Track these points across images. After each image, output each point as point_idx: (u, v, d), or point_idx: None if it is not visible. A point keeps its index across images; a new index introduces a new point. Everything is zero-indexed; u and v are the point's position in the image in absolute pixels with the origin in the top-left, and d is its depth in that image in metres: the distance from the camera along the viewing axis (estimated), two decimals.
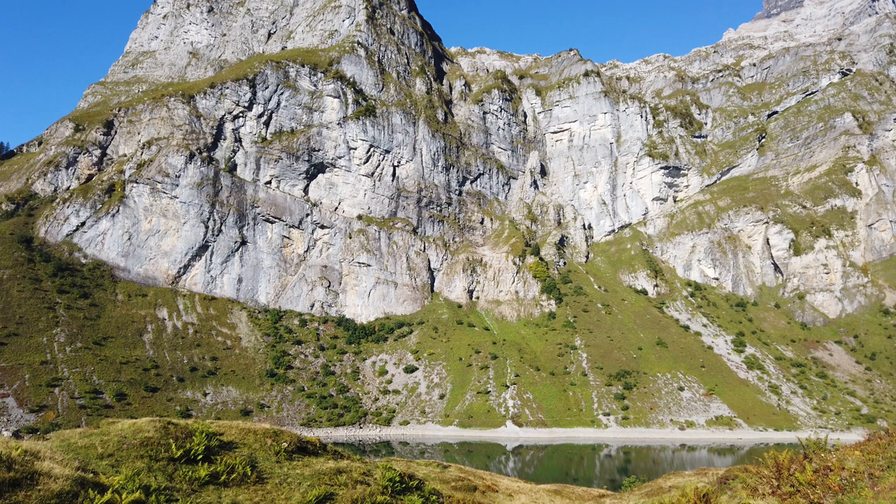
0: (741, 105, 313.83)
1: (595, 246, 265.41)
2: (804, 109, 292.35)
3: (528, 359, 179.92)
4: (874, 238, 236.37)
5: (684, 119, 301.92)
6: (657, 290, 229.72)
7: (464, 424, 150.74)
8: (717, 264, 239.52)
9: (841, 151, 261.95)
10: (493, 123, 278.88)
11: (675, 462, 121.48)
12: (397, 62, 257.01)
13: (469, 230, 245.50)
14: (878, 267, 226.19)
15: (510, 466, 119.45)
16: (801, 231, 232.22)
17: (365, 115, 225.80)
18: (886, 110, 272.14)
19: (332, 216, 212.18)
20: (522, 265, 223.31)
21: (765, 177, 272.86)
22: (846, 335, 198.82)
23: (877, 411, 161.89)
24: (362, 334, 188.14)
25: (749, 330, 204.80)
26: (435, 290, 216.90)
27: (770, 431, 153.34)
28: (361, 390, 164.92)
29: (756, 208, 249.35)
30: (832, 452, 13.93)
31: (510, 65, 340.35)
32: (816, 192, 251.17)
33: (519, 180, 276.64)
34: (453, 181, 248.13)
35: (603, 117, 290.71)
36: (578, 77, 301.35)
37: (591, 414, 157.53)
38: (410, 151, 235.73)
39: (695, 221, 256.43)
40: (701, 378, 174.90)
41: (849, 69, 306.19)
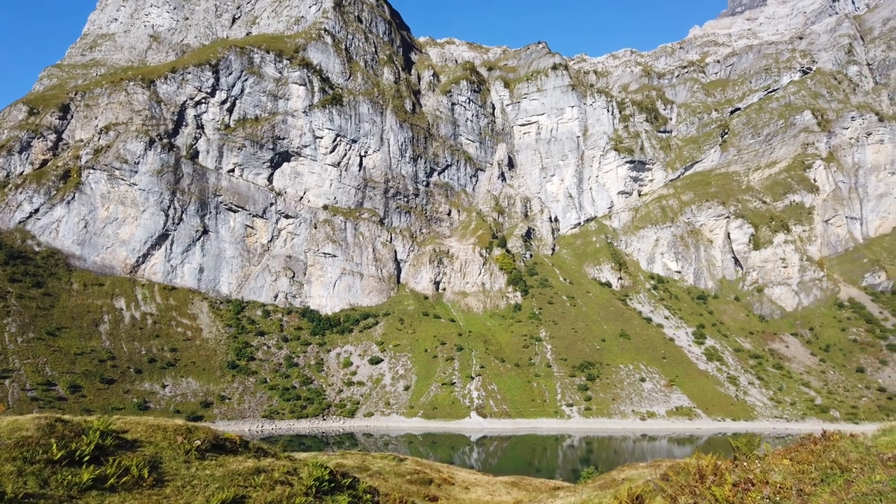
0: (705, 101, 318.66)
1: (561, 238, 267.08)
2: (766, 106, 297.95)
3: (494, 350, 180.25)
4: (830, 233, 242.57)
5: (650, 114, 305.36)
6: (621, 282, 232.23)
7: (428, 416, 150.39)
8: (680, 258, 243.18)
9: (800, 148, 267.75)
10: (462, 115, 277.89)
11: (636, 452, 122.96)
12: (365, 51, 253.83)
13: (436, 222, 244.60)
14: (833, 261, 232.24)
15: (474, 457, 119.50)
16: (761, 226, 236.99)
17: (331, 104, 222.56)
18: (844, 109, 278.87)
19: (297, 206, 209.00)
20: (489, 257, 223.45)
21: (727, 172, 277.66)
22: (802, 328, 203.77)
23: (830, 402, 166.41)
24: (327, 326, 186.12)
25: (709, 322, 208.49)
26: (401, 282, 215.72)
27: (728, 421, 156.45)
28: (325, 382, 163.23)
29: (718, 203, 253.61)
30: (759, 461, 12.53)
31: (479, 56, 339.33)
32: (776, 187, 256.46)
33: (487, 172, 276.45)
34: (421, 172, 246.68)
35: (570, 111, 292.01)
36: (547, 70, 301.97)
37: (554, 405, 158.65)
38: (378, 141, 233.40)
39: (658, 215, 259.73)
40: (662, 369, 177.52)
41: (809, 67, 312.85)
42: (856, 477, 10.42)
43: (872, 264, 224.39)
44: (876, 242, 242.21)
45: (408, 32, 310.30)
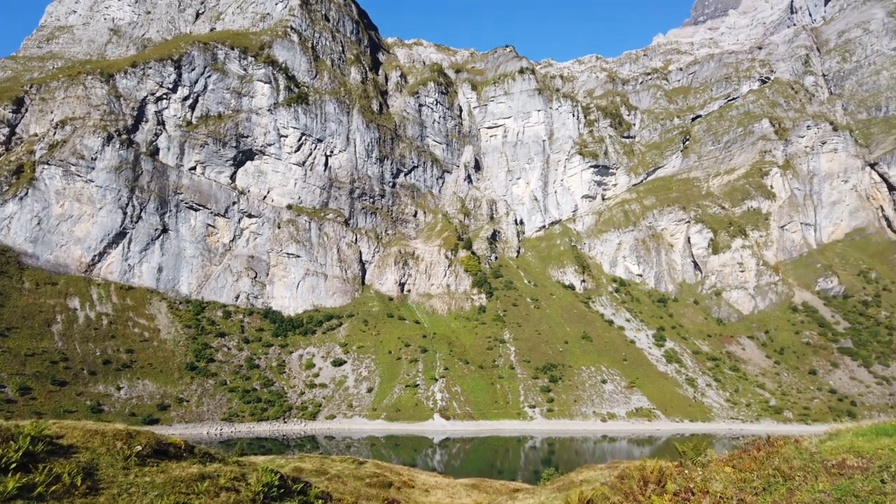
0: (668, 108, 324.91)
1: (526, 241, 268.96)
2: (726, 114, 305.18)
3: (458, 352, 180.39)
4: (786, 239, 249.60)
5: (614, 119, 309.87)
6: (584, 285, 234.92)
7: (391, 418, 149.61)
8: (642, 261, 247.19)
9: (758, 155, 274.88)
10: (429, 116, 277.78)
11: (597, 453, 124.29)
12: (332, 50, 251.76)
13: (402, 223, 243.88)
14: (788, 266, 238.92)
15: (436, 459, 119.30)
16: (720, 231, 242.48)
17: (297, 103, 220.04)
18: (800, 118, 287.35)
19: (260, 205, 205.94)
20: (454, 259, 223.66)
21: (688, 178, 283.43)
22: (758, 330, 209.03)
23: (784, 403, 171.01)
24: (289, 327, 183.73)
25: (669, 325, 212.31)
26: (366, 283, 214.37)
27: (686, 422, 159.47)
28: (287, 384, 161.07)
29: (679, 208, 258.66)
30: (702, 468, 12.21)
31: (447, 58, 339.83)
32: (734, 193, 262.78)
33: (453, 174, 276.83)
34: (387, 173, 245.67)
35: (537, 114, 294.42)
36: (514, 74, 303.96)
37: (517, 406, 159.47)
38: (344, 141, 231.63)
39: (621, 219, 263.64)
40: (623, 371, 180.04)
41: (768, 77, 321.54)
42: (798, 485, 10.20)
43: (825, 269, 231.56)
44: (829, 248, 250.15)
45: (375, 32, 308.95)
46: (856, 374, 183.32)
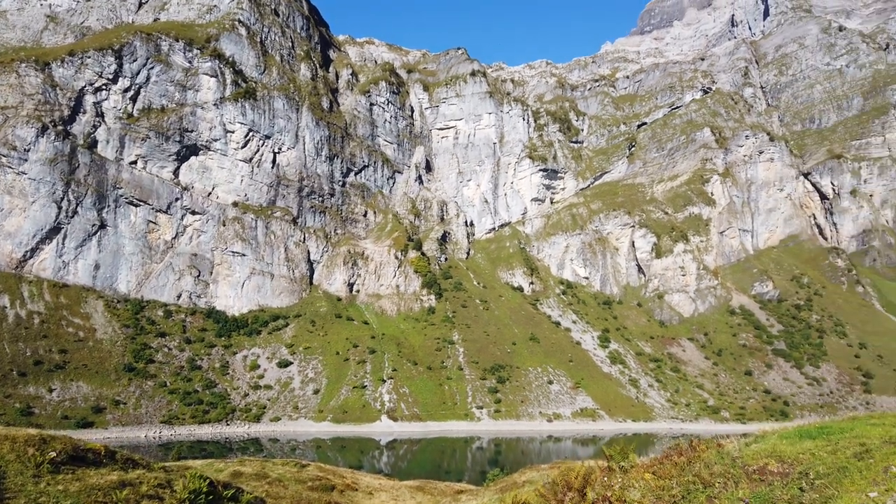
0: (615, 114, 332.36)
1: (476, 243, 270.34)
2: (670, 122, 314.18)
3: (407, 353, 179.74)
4: (725, 244, 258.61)
5: (563, 124, 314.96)
6: (532, 287, 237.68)
7: (338, 420, 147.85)
8: (588, 264, 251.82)
9: (700, 163, 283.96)
10: (380, 116, 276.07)
11: (542, 453, 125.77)
12: (281, 45, 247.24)
13: (351, 222, 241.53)
14: (727, 271, 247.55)
15: (383, 461, 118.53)
16: (663, 235, 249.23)
17: (244, 98, 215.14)
18: (740, 128, 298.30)
19: (204, 202, 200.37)
20: (404, 259, 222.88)
21: (633, 183, 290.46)
22: (698, 333, 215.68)
23: (721, 403, 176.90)
24: (234, 327, 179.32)
25: (614, 327, 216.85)
26: (314, 283, 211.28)
27: (629, 422, 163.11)
28: (230, 385, 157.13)
29: (624, 212, 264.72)
30: (622, 474, 12.06)
31: (399, 58, 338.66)
32: (677, 199, 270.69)
33: (404, 174, 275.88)
34: (337, 172, 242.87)
35: (488, 117, 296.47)
36: (465, 76, 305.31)
37: (465, 407, 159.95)
38: (293, 138, 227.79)
39: (569, 223, 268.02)
40: (569, 372, 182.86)
41: (709, 87, 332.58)
42: (718, 493, 10.04)
43: (761, 274, 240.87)
44: (765, 254, 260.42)
45: (326, 29, 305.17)
46: (788, 375, 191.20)
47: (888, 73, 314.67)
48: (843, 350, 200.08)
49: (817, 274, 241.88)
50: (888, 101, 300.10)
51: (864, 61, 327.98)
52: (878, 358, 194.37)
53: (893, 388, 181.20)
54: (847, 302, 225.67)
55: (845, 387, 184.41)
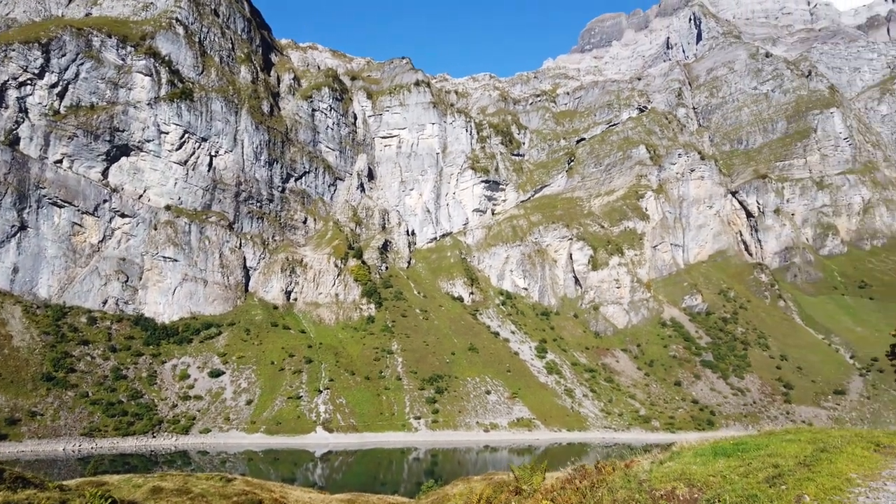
0: (555, 129, 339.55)
1: (417, 252, 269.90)
2: (607, 139, 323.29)
3: (344, 363, 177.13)
4: (657, 258, 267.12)
5: (505, 137, 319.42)
6: (472, 297, 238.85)
7: (271, 431, 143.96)
8: (527, 275, 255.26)
9: (635, 179, 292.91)
10: (322, 122, 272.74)
11: (479, 463, 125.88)
12: (221, 46, 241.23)
13: (291, 229, 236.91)
14: (659, 284, 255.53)
15: (318, 473, 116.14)
16: (599, 248, 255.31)
17: (181, 98, 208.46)
18: (673, 146, 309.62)
19: (135, 204, 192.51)
20: (344, 268, 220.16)
21: (572, 197, 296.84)
22: (631, 344, 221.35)
23: (652, 412, 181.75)
24: (163, 335, 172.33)
25: (551, 337, 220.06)
26: (250, 290, 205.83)
27: (563, 432, 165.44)
28: (158, 396, 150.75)
29: (563, 225, 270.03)
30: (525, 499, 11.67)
31: (343, 65, 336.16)
32: (613, 214, 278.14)
33: (346, 182, 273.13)
34: (276, 177, 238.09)
35: (431, 127, 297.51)
36: (410, 86, 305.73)
37: (402, 418, 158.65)
38: (231, 142, 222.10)
39: (510, 234, 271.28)
40: (507, 382, 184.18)
41: (645, 106, 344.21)
42: None
43: (691, 288, 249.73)
44: (694, 268, 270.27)
45: (268, 32, 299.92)
46: (715, 386, 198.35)
47: (810, 99, 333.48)
48: (766, 362, 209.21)
49: (743, 288, 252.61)
50: (809, 126, 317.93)
51: (788, 87, 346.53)
52: (797, 369, 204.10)
53: (811, 399, 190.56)
54: (770, 315, 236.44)
55: (767, 397, 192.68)
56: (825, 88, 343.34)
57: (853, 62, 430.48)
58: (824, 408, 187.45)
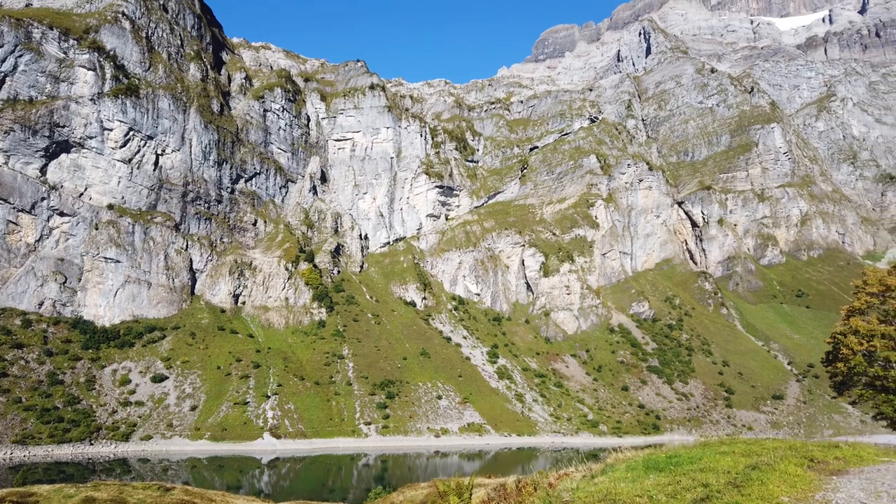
0: (509, 137, 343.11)
1: (370, 256, 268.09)
2: (559, 147, 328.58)
3: (294, 368, 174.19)
4: (606, 265, 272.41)
5: (460, 143, 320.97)
6: (425, 302, 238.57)
7: (216, 438, 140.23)
8: (480, 281, 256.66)
9: (586, 188, 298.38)
10: (274, 123, 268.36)
11: (429, 468, 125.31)
12: (170, 43, 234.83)
13: (240, 231, 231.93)
14: (608, 291, 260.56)
15: (264, 481, 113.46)
16: (550, 255, 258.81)
17: (126, 95, 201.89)
18: (622, 156, 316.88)
19: (75, 203, 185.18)
20: (295, 271, 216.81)
21: (524, 204, 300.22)
22: (580, 349, 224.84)
23: (600, 417, 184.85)
24: (103, 339, 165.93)
25: (503, 343, 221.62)
26: (196, 293, 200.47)
27: (514, 437, 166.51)
28: (97, 402, 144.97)
29: (515, 232, 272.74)
30: None
31: (296, 66, 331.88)
32: (564, 221, 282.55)
33: (298, 184, 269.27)
34: (226, 178, 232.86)
35: (386, 131, 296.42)
36: (364, 89, 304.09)
37: (352, 424, 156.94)
38: (178, 140, 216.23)
39: (463, 240, 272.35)
40: (458, 387, 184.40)
41: (596, 117, 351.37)
42: None
43: (638, 295, 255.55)
44: (642, 276, 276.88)
45: (220, 30, 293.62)
46: (661, 391, 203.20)
47: (752, 114, 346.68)
48: (709, 367, 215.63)
49: (688, 296, 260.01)
50: (752, 140, 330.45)
51: (732, 102, 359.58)
52: (738, 375, 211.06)
53: (751, 404, 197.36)
54: (713, 322, 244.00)
55: (710, 401, 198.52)
56: (766, 104, 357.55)
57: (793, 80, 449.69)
58: (763, 412, 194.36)
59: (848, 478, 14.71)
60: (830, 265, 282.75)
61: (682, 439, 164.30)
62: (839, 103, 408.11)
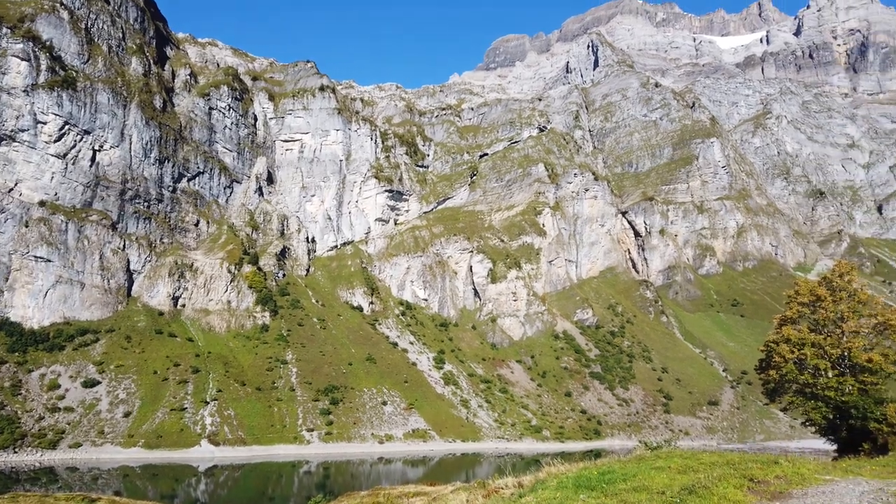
0: (459, 143, 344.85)
1: (317, 260, 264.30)
2: (509, 155, 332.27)
3: (235, 373, 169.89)
4: (552, 273, 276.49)
5: (410, 148, 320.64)
6: (372, 307, 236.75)
7: (151, 445, 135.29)
8: (428, 286, 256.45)
9: (534, 196, 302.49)
10: (220, 121, 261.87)
11: (372, 475, 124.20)
12: (110, 35, 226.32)
13: (181, 231, 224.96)
14: (553, 298, 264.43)
15: (200, 489, 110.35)
16: (498, 262, 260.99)
17: (62, 87, 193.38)
18: (570, 166, 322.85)
19: (4, 199, 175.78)
20: (238, 274, 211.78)
21: (473, 210, 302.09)
22: (525, 355, 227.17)
23: (543, 422, 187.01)
24: (31, 341, 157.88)
25: (449, 348, 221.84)
26: (133, 295, 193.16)
27: (458, 442, 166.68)
28: (22, 407, 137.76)
29: (464, 238, 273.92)
30: None
31: (244, 64, 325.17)
32: (512, 228, 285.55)
33: (243, 185, 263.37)
34: (167, 176, 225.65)
35: (335, 134, 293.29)
36: (314, 90, 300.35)
37: (294, 430, 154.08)
38: (117, 136, 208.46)
39: (411, 244, 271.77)
40: (403, 393, 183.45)
41: (545, 126, 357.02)
42: None
43: (582, 302, 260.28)
44: (586, 283, 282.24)
45: (164, 25, 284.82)
46: (602, 397, 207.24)
47: (693, 129, 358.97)
48: (649, 374, 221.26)
49: (630, 304, 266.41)
50: (692, 154, 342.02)
51: (674, 116, 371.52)
52: (676, 381, 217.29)
53: (688, 409, 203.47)
54: (653, 330, 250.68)
55: (649, 407, 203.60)
56: (707, 119, 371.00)
57: (732, 96, 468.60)
58: (700, 417, 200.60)
59: (792, 503, 14.15)
60: (764, 276, 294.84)
61: (622, 444, 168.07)
62: (774, 121, 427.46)
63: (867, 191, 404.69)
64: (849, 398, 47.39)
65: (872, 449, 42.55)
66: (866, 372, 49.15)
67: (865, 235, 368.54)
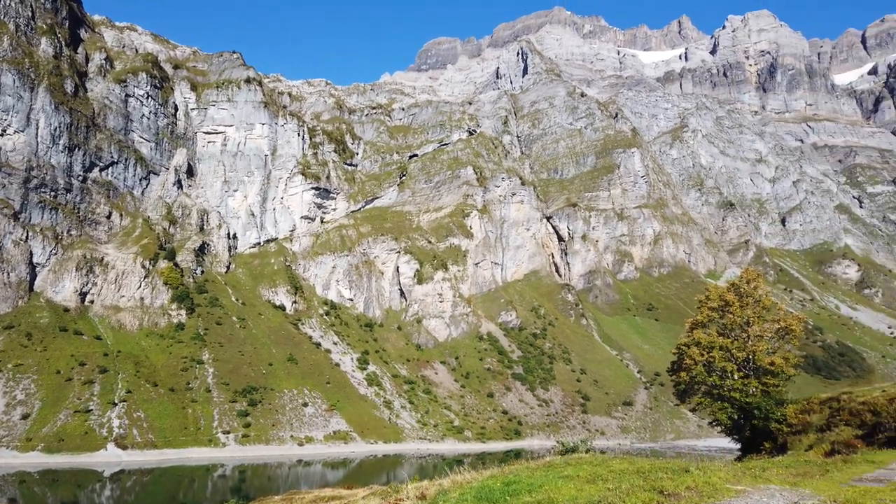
0: (389, 143, 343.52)
1: (238, 257, 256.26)
2: (438, 157, 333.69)
3: (146, 373, 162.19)
4: (478, 275, 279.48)
5: (339, 145, 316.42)
6: (295, 306, 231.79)
7: (52, 449, 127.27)
8: (353, 286, 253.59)
9: (462, 198, 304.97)
10: (137, 110, 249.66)
11: (290, 478, 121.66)
12: (18, 13, 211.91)
13: (91, 224, 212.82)
14: (479, 299, 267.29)
15: (105, 496, 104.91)
16: (425, 263, 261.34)
17: None
18: (498, 170, 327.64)
19: None
20: (153, 270, 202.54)
21: (402, 211, 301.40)
22: (450, 357, 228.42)
23: (465, 423, 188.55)
24: None
25: (374, 349, 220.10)
26: (35, 290, 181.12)
27: (380, 444, 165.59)
28: None
29: (391, 238, 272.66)
30: None
31: (165, 51, 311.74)
32: (440, 230, 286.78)
33: (161, 177, 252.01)
34: (77, 165, 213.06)
35: (261, 128, 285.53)
36: (240, 82, 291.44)
37: (209, 433, 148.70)
38: (23, 121, 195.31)
39: (338, 243, 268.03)
40: (325, 394, 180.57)
41: (475, 130, 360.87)
42: None
43: (507, 304, 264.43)
44: (511, 286, 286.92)
45: (79, 5, 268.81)
46: (523, 397, 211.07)
47: (615, 139, 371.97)
48: (568, 375, 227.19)
49: (552, 306, 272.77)
50: (614, 163, 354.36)
51: (598, 125, 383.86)
52: (594, 382, 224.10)
53: (605, 409, 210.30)
54: (574, 332, 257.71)
55: (568, 408, 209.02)
56: (628, 130, 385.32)
57: (652, 109, 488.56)
58: (615, 417, 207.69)
59: None
60: (677, 282, 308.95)
61: (541, 444, 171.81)
62: (690, 134, 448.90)
63: (773, 203, 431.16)
64: (752, 399, 49.88)
65: (773, 448, 44.79)
66: (769, 374, 51.99)
67: (770, 245, 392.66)
